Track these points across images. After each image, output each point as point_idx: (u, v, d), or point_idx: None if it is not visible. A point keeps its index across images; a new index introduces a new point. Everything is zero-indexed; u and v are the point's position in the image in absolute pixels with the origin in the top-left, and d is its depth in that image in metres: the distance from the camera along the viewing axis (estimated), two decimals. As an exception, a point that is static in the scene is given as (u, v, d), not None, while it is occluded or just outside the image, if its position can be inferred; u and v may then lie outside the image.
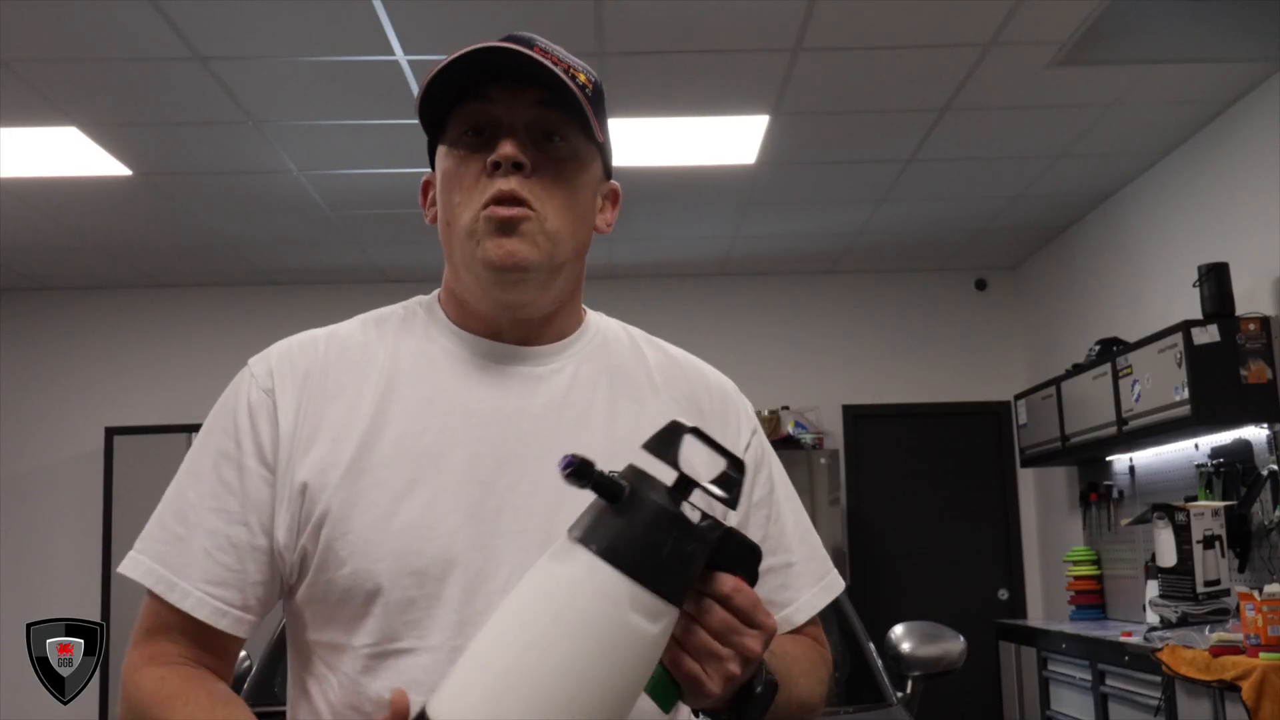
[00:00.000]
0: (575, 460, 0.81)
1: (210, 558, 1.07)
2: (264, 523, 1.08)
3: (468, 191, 1.10)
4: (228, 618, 1.07)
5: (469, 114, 1.11)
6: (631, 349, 1.22)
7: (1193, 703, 3.82)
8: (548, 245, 1.09)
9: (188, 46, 3.79)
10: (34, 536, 6.54)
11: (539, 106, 1.09)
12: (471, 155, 1.10)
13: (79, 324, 6.79)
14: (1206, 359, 4.28)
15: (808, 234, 6.22)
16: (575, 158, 1.12)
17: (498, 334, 1.15)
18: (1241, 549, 4.34)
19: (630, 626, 0.81)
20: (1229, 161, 4.66)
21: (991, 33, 3.88)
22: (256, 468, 1.09)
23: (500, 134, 1.09)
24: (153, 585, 1.08)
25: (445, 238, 1.14)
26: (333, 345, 1.15)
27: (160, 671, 1.06)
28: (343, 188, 5.24)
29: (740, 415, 1.23)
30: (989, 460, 6.87)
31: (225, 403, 1.15)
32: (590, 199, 1.15)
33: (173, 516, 1.11)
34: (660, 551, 0.83)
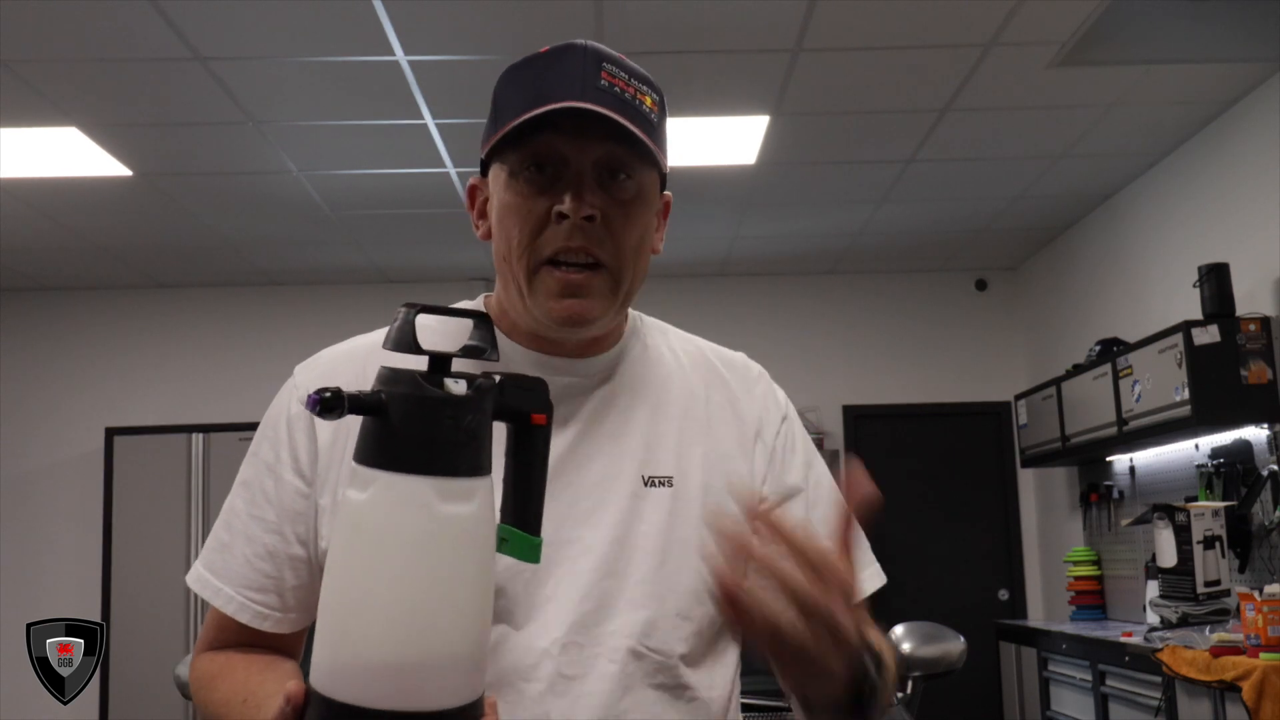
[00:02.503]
0: (320, 396, 0.80)
1: (249, 564, 1.12)
2: (299, 532, 1.11)
3: (530, 236, 1.07)
4: (269, 620, 1.12)
5: (533, 148, 1.06)
6: (667, 349, 1.22)
7: (1193, 703, 3.82)
8: (614, 296, 1.09)
9: (188, 46, 3.79)
10: (34, 536, 6.54)
11: (607, 143, 1.06)
12: (535, 195, 1.07)
13: (79, 324, 6.79)
14: (1207, 359, 4.28)
15: (808, 234, 6.22)
16: (642, 195, 1.10)
17: (546, 348, 1.15)
18: (1242, 549, 4.34)
19: (448, 517, 0.81)
20: (1229, 161, 4.66)
21: (991, 33, 3.88)
22: (292, 480, 1.11)
23: (566, 175, 1.06)
24: (200, 591, 1.13)
25: (501, 269, 1.12)
26: (374, 358, 1.11)
27: (209, 655, 1.14)
28: (343, 188, 5.24)
29: (770, 402, 1.22)
30: (989, 460, 6.87)
31: (271, 411, 1.17)
32: (652, 229, 1.14)
33: (222, 525, 1.16)
34: (440, 436, 0.82)
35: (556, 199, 1.05)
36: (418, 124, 4.51)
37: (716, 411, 1.19)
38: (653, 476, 1.12)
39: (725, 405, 1.20)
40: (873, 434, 6.86)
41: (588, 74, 1.05)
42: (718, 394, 1.20)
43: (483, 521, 0.84)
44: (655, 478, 1.12)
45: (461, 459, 0.82)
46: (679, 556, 1.10)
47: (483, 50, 3.92)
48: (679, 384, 1.19)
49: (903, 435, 6.87)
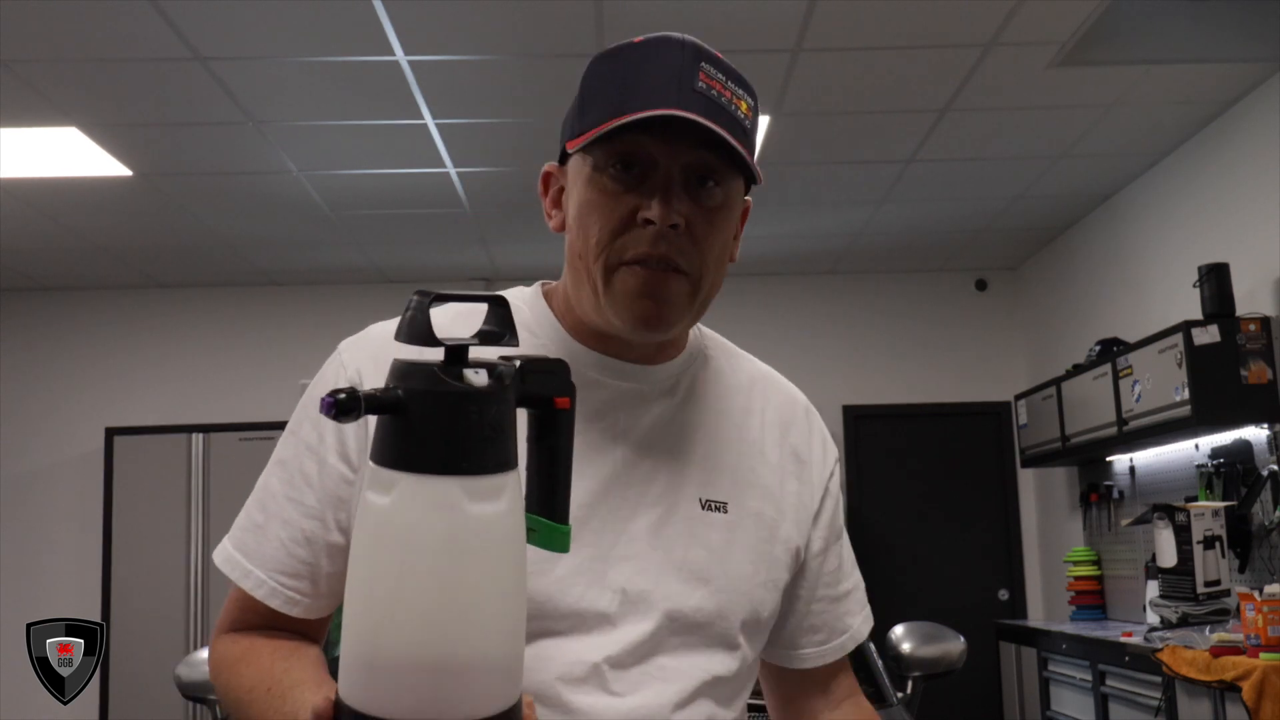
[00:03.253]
0: (335, 399, 0.74)
1: (284, 548, 1.06)
2: (340, 520, 1.06)
3: (610, 236, 1.03)
4: (299, 606, 1.07)
5: (622, 144, 1.02)
6: (729, 366, 1.19)
7: (1193, 703, 3.82)
8: (691, 303, 1.06)
9: (188, 46, 3.79)
10: (34, 536, 6.54)
11: (699, 149, 1.01)
12: (620, 194, 1.02)
13: (79, 324, 6.79)
14: (1207, 359, 4.28)
15: (808, 234, 6.22)
16: (728, 204, 1.06)
17: (617, 353, 1.11)
18: (1242, 549, 4.34)
19: (478, 518, 0.76)
20: (1229, 161, 4.65)
21: (991, 33, 3.88)
22: (336, 464, 1.06)
23: (654, 178, 1.02)
24: (229, 573, 1.08)
25: (574, 264, 1.07)
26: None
27: (232, 638, 1.09)
28: (343, 188, 5.24)
29: (826, 443, 1.22)
30: (989, 460, 6.87)
31: (313, 390, 1.11)
32: (733, 237, 1.10)
33: (256, 504, 1.10)
34: (464, 433, 0.77)
35: (642, 202, 1.02)
36: (418, 124, 4.51)
37: (774, 438, 1.17)
38: (710, 500, 1.10)
39: (781, 435, 1.18)
40: (873, 434, 6.86)
41: (684, 74, 1.00)
42: (775, 421, 1.18)
43: (513, 517, 0.80)
44: (713, 502, 1.10)
45: (488, 455, 0.78)
46: (730, 586, 1.09)
47: (483, 50, 3.92)
48: (740, 405, 1.17)
49: (903, 435, 6.87)
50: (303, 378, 6.61)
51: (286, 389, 6.71)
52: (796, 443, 1.18)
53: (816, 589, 1.19)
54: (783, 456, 1.17)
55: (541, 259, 6.47)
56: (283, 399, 6.67)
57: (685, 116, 0.98)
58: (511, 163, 4.98)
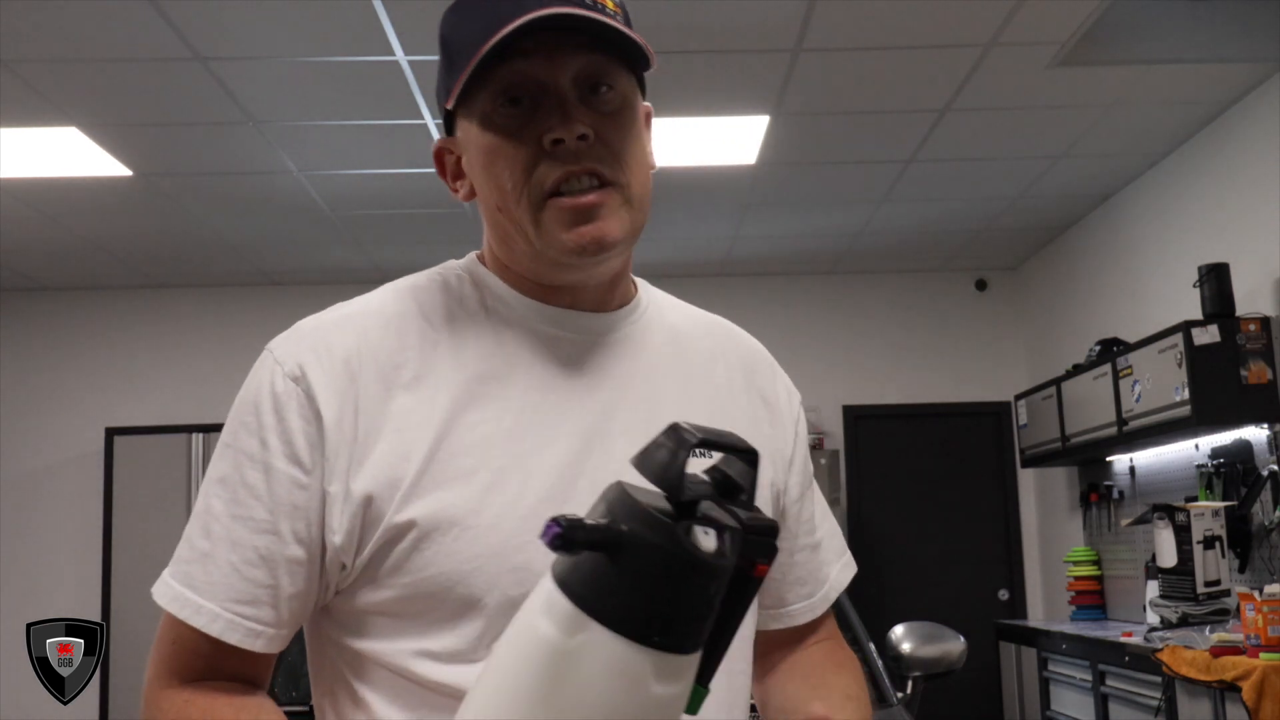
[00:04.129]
0: (561, 526, 0.67)
1: (238, 573, 0.96)
2: (298, 530, 0.95)
3: (523, 174, 0.97)
4: (262, 638, 0.96)
5: (503, 81, 0.96)
6: (680, 314, 1.16)
7: (1193, 703, 3.82)
8: (630, 215, 1.00)
9: (188, 46, 3.79)
10: (34, 536, 6.54)
11: (580, 53, 0.97)
12: (520, 129, 0.97)
13: (79, 324, 6.79)
14: (1207, 359, 4.28)
15: (808, 234, 6.22)
16: (627, 103, 1.01)
17: (570, 303, 1.05)
18: (1242, 549, 4.34)
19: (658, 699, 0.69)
20: (1229, 161, 4.65)
21: (991, 33, 3.88)
22: (286, 469, 0.96)
23: (547, 101, 0.96)
24: (178, 612, 0.98)
25: (496, 222, 1.03)
26: (375, 323, 1.03)
27: (184, 693, 0.98)
28: (343, 188, 5.24)
29: (788, 385, 1.18)
30: (989, 460, 6.87)
31: (245, 395, 1.02)
32: (645, 139, 1.05)
33: (198, 530, 0.99)
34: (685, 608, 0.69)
35: (543, 127, 0.96)
36: (418, 124, 4.51)
37: (740, 383, 1.12)
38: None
39: (747, 379, 1.13)
40: (873, 434, 6.85)
41: None
42: (739, 366, 1.14)
43: (683, 698, 0.72)
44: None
45: (691, 634, 0.70)
46: None
47: (483, 50, 3.92)
48: (698, 349, 1.12)
49: (903, 435, 6.87)
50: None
51: (286, 389, 6.73)
52: (763, 386, 1.14)
53: (798, 537, 1.14)
54: (751, 401, 1.12)
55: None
56: (283, 399, 6.69)
57: (555, 13, 0.92)
58: (511, 163, 4.98)
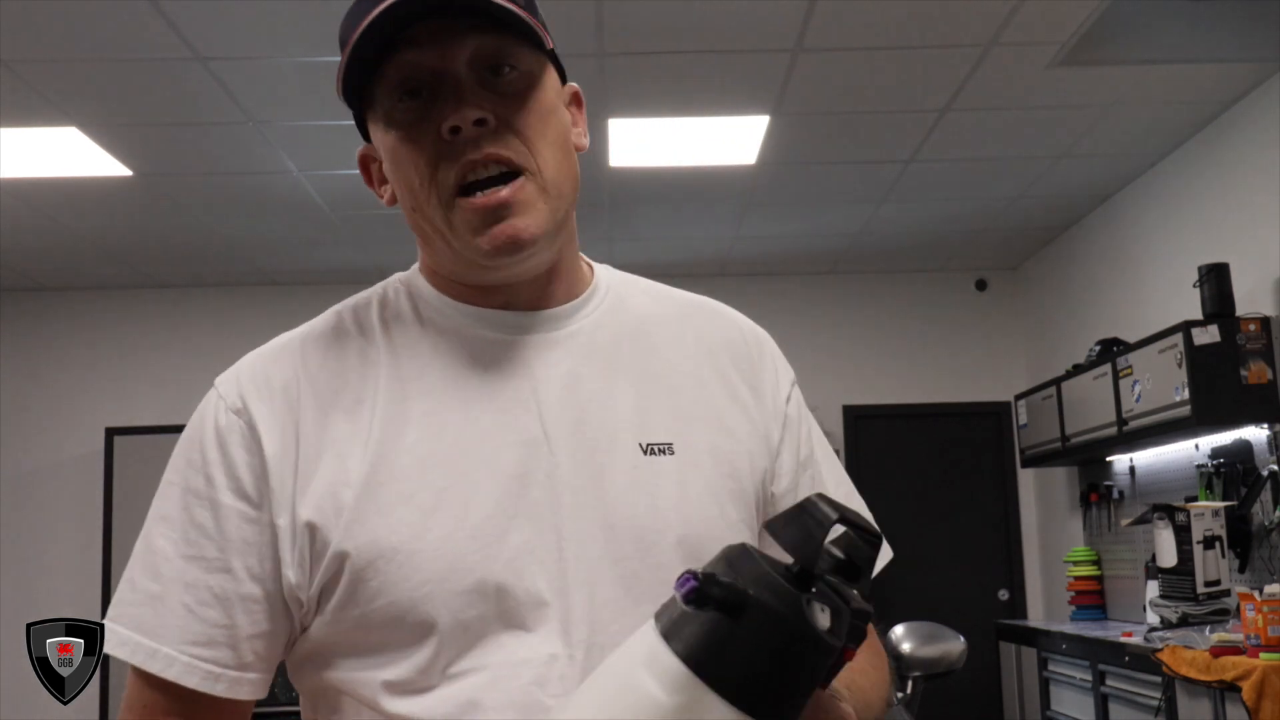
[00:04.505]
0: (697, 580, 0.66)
1: (192, 614, 0.91)
2: (251, 566, 0.92)
3: (429, 170, 0.93)
4: (223, 681, 0.92)
5: (397, 72, 0.93)
6: (649, 301, 1.08)
7: (1193, 703, 3.82)
8: (548, 204, 0.94)
9: (188, 46, 3.79)
10: (34, 536, 6.54)
11: (472, 35, 0.91)
12: (416, 124, 0.93)
13: (79, 324, 6.79)
14: (1207, 359, 4.28)
15: (808, 234, 6.22)
16: (533, 82, 0.95)
17: (503, 302, 1.00)
18: (1242, 549, 4.34)
19: None
20: (1229, 161, 4.65)
21: (991, 33, 3.88)
22: (234, 503, 0.93)
23: (443, 89, 0.92)
24: (130, 657, 0.92)
25: (414, 222, 0.99)
26: (311, 348, 1.01)
27: None
28: (343, 188, 5.24)
29: (778, 365, 1.10)
30: (989, 460, 6.87)
31: (190, 432, 0.98)
32: (562, 120, 0.99)
33: (144, 572, 0.94)
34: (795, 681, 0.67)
35: (439, 116, 0.91)
36: (418, 124, 4.50)
37: (713, 366, 1.05)
38: (651, 444, 0.97)
39: (723, 361, 1.05)
40: (873, 434, 6.86)
41: None
42: (714, 348, 1.06)
43: None
44: (655, 445, 0.97)
45: (794, 710, 0.68)
46: (700, 530, 0.95)
47: (483, 50, 3.92)
48: (665, 337, 1.04)
49: (903, 435, 6.87)
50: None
51: (286, 389, 6.73)
52: (743, 368, 1.06)
53: None
54: (727, 384, 1.04)
55: (541, 259, 6.47)
56: (283, 399, 6.69)
57: None
58: (511, 163, 4.98)
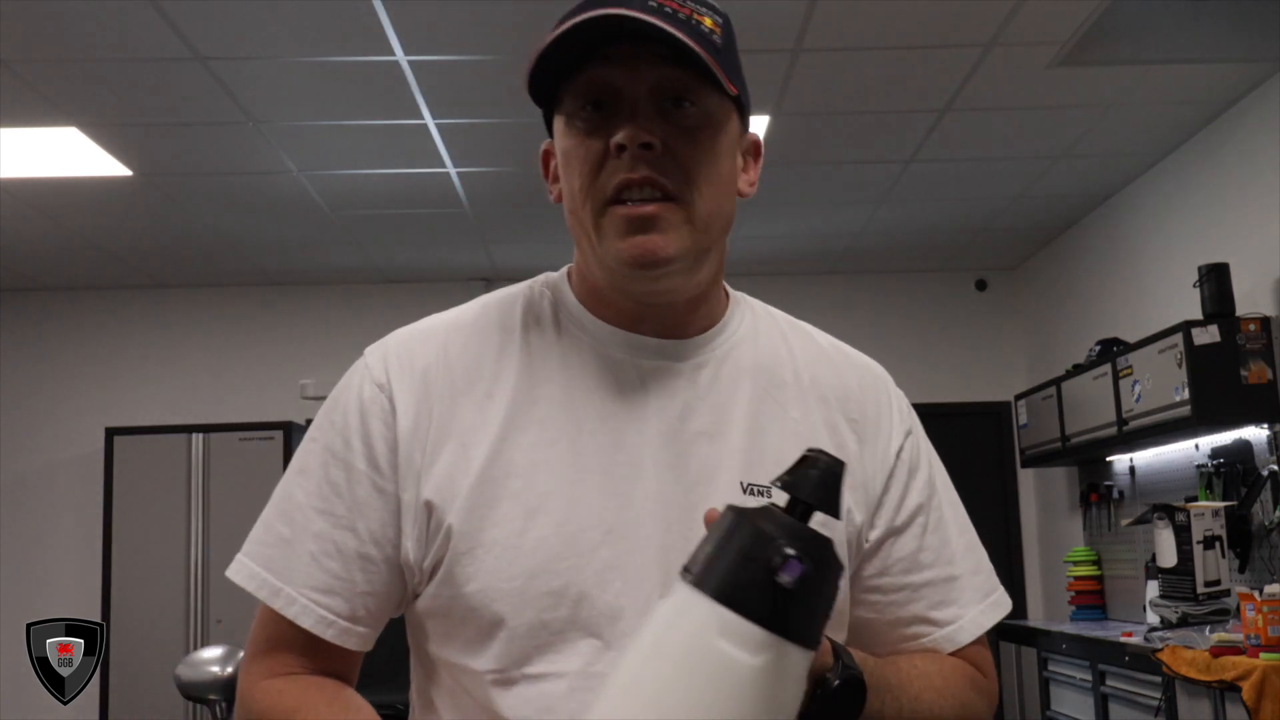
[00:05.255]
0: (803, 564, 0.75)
1: (316, 563, 0.99)
2: (373, 530, 0.99)
3: (590, 177, 0.98)
4: (334, 628, 0.99)
5: (585, 83, 0.98)
6: (779, 340, 1.11)
7: (1193, 703, 3.82)
8: (691, 233, 0.98)
9: (188, 46, 3.79)
10: (34, 536, 6.54)
11: (663, 65, 0.96)
12: (592, 134, 0.98)
13: (79, 324, 6.79)
14: (1207, 359, 4.28)
15: (808, 234, 6.22)
16: (710, 123, 0.99)
17: (637, 324, 1.04)
18: (1242, 549, 4.34)
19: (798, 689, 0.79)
20: (1229, 161, 4.65)
21: (991, 33, 3.88)
22: (366, 471, 1.00)
23: (623, 108, 0.97)
24: (256, 591, 1.00)
25: (571, 224, 1.03)
26: (454, 336, 1.05)
27: (279, 684, 1.00)
28: (343, 188, 5.24)
29: (894, 415, 1.12)
30: (989, 460, 6.87)
31: (337, 395, 1.05)
32: (731, 164, 1.03)
33: (279, 517, 1.02)
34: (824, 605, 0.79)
35: (612, 131, 0.97)
36: (418, 124, 4.51)
37: (825, 415, 1.08)
38: (752, 484, 1.01)
39: (837, 410, 1.08)
40: (873, 434, 6.85)
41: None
42: (828, 397, 1.09)
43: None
44: (756, 486, 1.00)
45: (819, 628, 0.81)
46: None
47: (483, 50, 3.92)
48: (785, 379, 1.08)
49: (903, 435, 6.86)
50: (303, 377, 6.55)
51: (286, 389, 6.73)
52: (855, 419, 1.08)
53: (889, 577, 1.07)
54: (835, 434, 1.07)
55: (541, 259, 6.45)
56: (283, 399, 6.70)
57: (632, 15, 0.92)
58: (511, 163, 4.98)
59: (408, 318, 1.14)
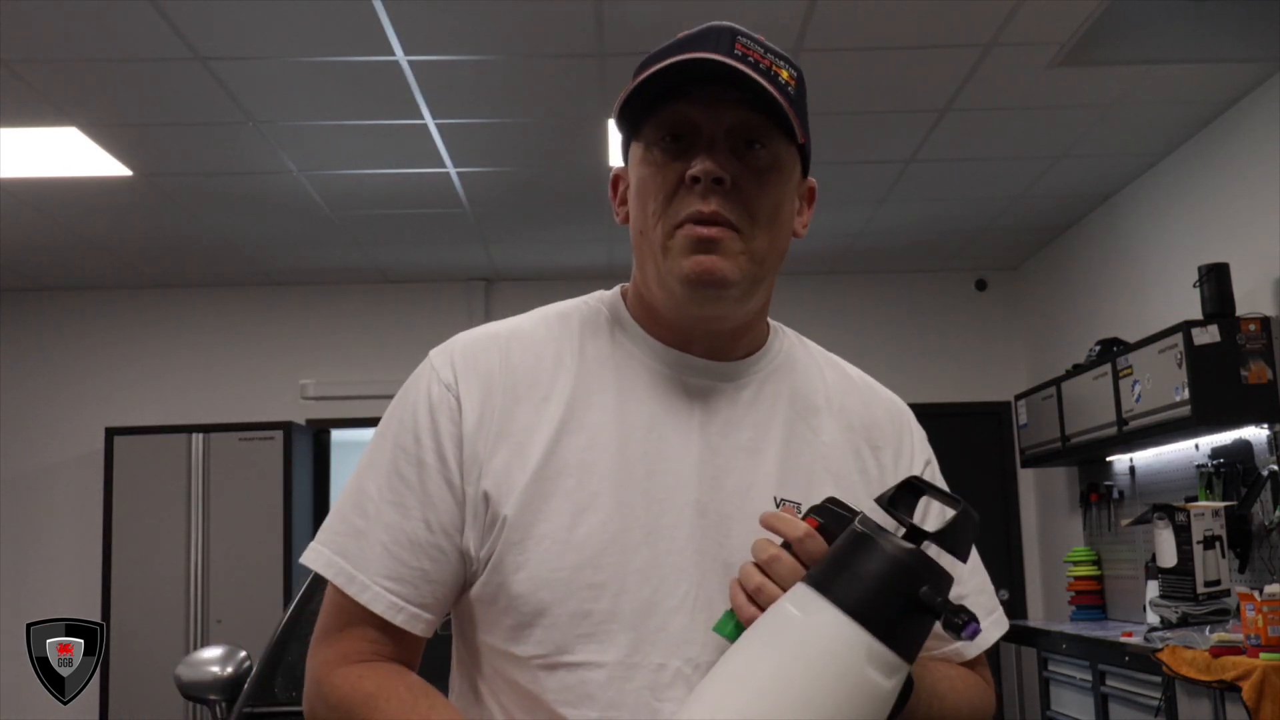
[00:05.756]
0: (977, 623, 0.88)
1: (388, 552, 1.06)
2: (442, 522, 1.06)
3: (664, 203, 1.07)
4: (404, 614, 1.06)
5: (667, 117, 1.07)
6: (812, 369, 1.20)
7: (1193, 703, 3.82)
8: (749, 263, 1.07)
9: (188, 46, 3.79)
10: (34, 536, 6.54)
11: (740, 109, 1.06)
12: (669, 163, 1.07)
13: (79, 324, 6.79)
14: (1207, 359, 4.28)
15: (808, 234, 6.20)
16: (777, 166, 1.09)
17: (687, 344, 1.13)
18: (1242, 549, 4.34)
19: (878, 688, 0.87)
20: (1229, 161, 4.65)
21: (991, 33, 3.88)
22: (436, 465, 1.07)
23: (700, 143, 1.06)
24: (333, 577, 1.07)
25: (637, 244, 1.11)
26: (515, 343, 1.13)
27: (356, 670, 1.06)
28: (343, 188, 5.24)
29: (914, 445, 1.22)
30: (989, 460, 6.87)
31: (406, 394, 1.12)
32: (790, 206, 1.13)
33: (352, 509, 1.09)
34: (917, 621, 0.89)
35: (688, 163, 1.05)
36: (418, 124, 4.51)
37: (851, 442, 1.17)
38: (785, 499, 1.10)
39: (862, 437, 1.18)
40: (873, 434, 6.85)
41: (720, 43, 1.06)
42: (854, 425, 1.18)
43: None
44: (788, 501, 1.10)
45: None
46: None
47: (483, 50, 3.92)
48: (818, 405, 1.17)
49: (903, 435, 6.86)
50: (303, 377, 6.55)
51: (286, 389, 6.73)
52: (878, 446, 1.18)
53: None
54: (859, 459, 1.16)
55: (541, 259, 6.47)
56: (283, 399, 6.71)
57: (719, 60, 1.02)
58: (511, 163, 4.98)
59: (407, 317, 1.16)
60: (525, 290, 6.83)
